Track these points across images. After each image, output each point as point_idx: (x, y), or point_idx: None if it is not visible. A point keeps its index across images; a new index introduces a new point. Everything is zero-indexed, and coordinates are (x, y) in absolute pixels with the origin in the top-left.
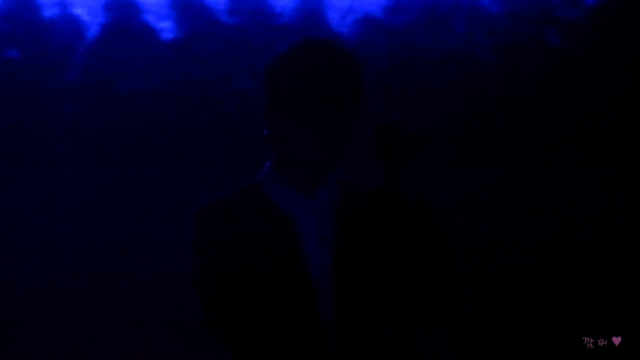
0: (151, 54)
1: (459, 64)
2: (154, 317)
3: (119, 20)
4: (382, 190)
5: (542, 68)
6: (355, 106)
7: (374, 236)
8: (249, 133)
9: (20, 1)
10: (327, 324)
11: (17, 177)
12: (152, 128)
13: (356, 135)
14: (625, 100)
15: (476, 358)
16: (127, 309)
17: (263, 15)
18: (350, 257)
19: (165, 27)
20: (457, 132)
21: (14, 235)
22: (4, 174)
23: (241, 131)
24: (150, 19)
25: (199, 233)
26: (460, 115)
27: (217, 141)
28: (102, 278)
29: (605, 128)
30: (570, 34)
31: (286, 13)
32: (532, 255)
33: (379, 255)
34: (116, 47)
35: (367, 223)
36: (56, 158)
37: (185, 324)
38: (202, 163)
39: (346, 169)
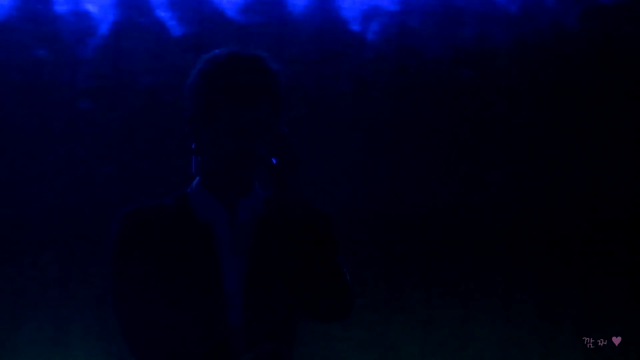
0: (162, 50)
1: (472, 63)
2: None
3: (130, 16)
4: (308, 208)
5: (556, 65)
6: (274, 112)
7: (290, 253)
8: None
9: None
10: (235, 333)
11: (29, 175)
12: (163, 124)
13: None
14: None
15: (476, 358)
16: None
17: (274, 13)
18: (263, 270)
19: (176, 24)
20: (467, 131)
21: (26, 233)
22: (17, 172)
23: None
24: (161, 15)
25: (120, 238)
26: (471, 114)
27: None
28: None
29: (622, 127)
30: (585, 32)
31: (298, 10)
32: (532, 255)
33: (291, 272)
34: (127, 44)
35: (286, 240)
36: (69, 155)
37: None
38: None
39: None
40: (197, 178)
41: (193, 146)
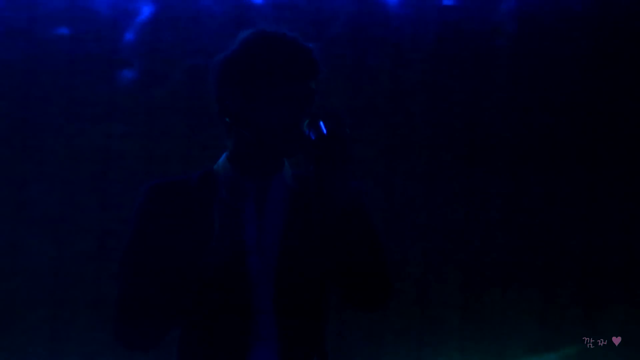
0: (200, 31)
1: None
2: None
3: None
4: (349, 187)
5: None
6: (316, 89)
7: (329, 232)
8: None
9: None
10: (262, 314)
11: (67, 149)
12: (204, 103)
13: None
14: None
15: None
16: None
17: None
18: (296, 249)
19: (213, 4)
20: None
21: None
22: (58, 145)
23: None
24: None
25: (143, 211)
26: (468, 111)
27: None
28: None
29: (619, 128)
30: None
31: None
32: (532, 255)
33: (323, 249)
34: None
35: (324, 219)
36: (109, 130)
37: None
38: None
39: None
40: (224, 155)
41: (227, 120)
